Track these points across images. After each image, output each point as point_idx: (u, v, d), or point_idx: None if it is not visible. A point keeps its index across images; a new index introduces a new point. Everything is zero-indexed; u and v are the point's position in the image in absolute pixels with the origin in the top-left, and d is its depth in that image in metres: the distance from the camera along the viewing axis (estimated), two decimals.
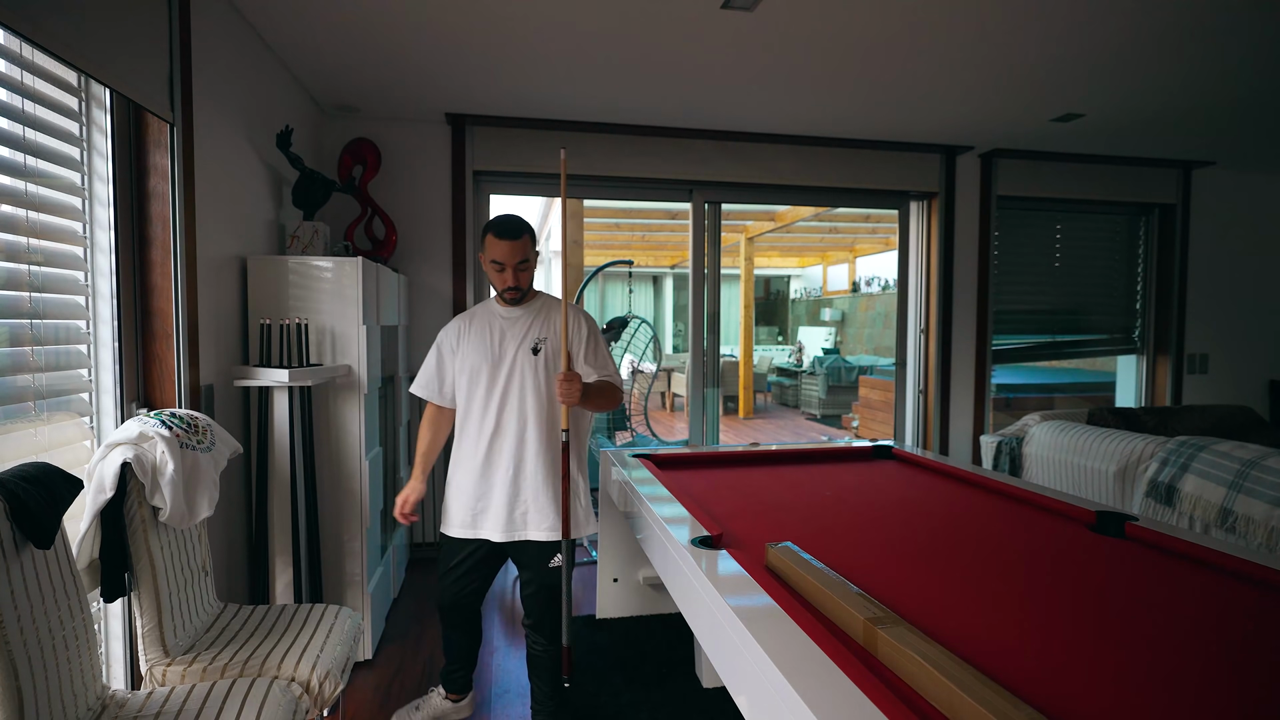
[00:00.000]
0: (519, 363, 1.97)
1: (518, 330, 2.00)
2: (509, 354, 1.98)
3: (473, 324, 2.03)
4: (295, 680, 1.63)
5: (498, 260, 1.92)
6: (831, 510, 2.00)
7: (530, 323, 2.01)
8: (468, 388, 2.00)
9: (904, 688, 1.01)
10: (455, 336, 2.04)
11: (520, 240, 1.92)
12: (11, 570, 1.21)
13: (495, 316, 2.03)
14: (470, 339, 2.01)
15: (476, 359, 1.98)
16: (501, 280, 1.96)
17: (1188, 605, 1.34)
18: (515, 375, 1.97)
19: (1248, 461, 2.62)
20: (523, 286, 1.98)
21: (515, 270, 1.94)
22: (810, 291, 13.57)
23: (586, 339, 2.04)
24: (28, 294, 1.56)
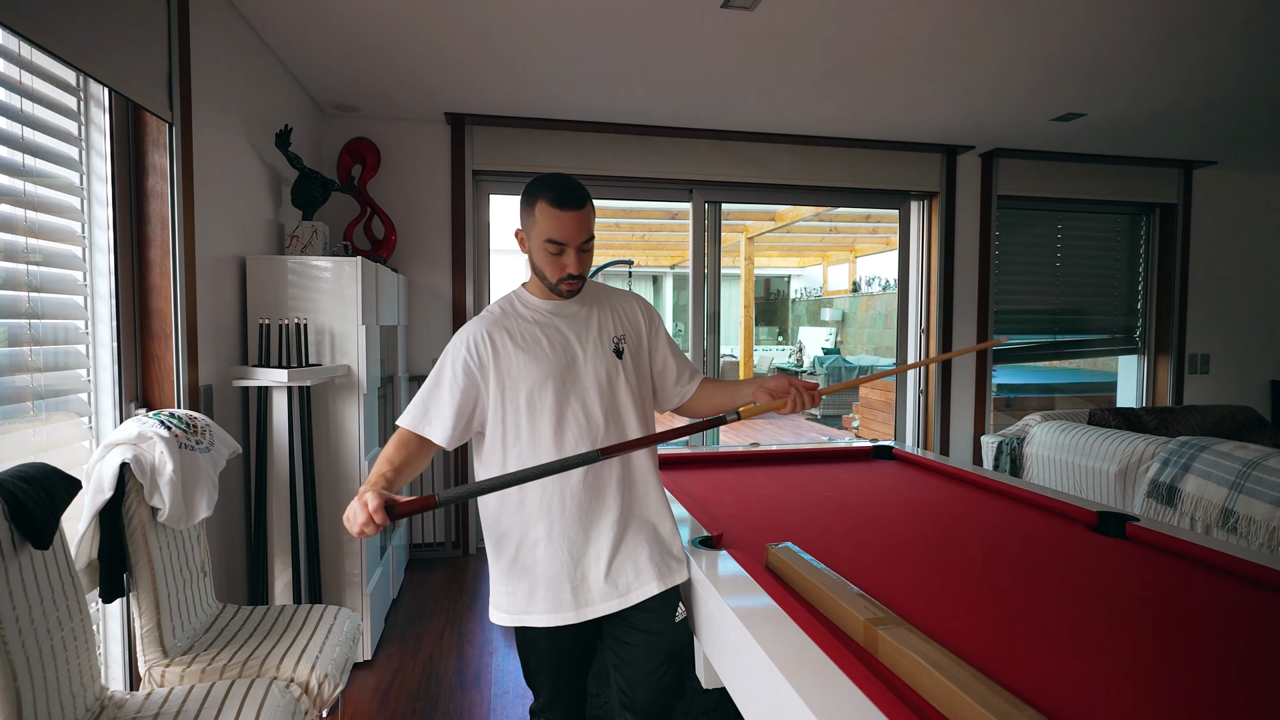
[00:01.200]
0: (603, 372, 1.43)
1: (583, 329, 1.46)
2: (587, 363, 1.42)
3: (511, 328, 1.43)
4: (294, 681, 1.63)
5: (556, 240, 1.35)
6: (832, 511, 1.99)
7: (593, 316, 1.48)
8: (527, 420, 1.38)
9: (904, 688, 1.00)
10: (487, 345, 1.40)
11: (585, 210, 1.37)
12: (10, 571, 1.21)
13: (542, 314, 1.46)
14: (516, 348, 1.40)
15: (537, 376, 1.38)
16: (558, 267, 1.38)
17: (1189, 606, 1.34)
18: (605, 389, 1.42)
19: (1249, 462, 2.61)
20: (584, 274, 1.43)
21: (579, 252, 1.38)
22: (810, 291, 13.56)
23: (665, 334, 1.58)
24: (26, 294, 1.56)
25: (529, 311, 1.46)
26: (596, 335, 1.46)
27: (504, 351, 1.40)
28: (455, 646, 2.72)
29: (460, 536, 3.81)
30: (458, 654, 2.66)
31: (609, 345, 1.46)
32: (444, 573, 3.53)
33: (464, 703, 2.31)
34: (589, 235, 1.39)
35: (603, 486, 1.40)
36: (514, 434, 1.39)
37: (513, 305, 1.49)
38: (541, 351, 1.41)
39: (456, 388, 1.38)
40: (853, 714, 0.90)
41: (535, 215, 1.38)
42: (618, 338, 1.49)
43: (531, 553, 1.39)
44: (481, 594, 3.25)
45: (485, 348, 1.40)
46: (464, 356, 1.39)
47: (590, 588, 1.38)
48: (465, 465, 3.79)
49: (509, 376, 1.39)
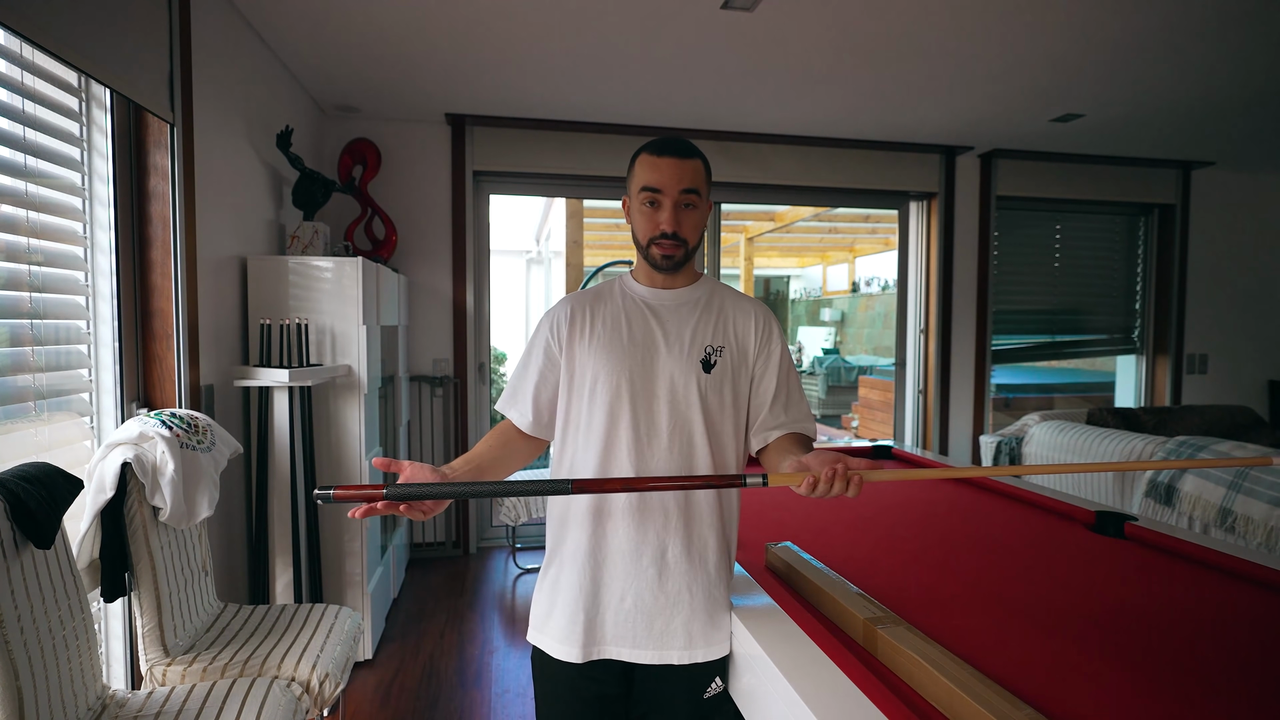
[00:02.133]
0: (680, 381, 1.21)
1: (675, 326, 1.24)
2: (662, 365, 1.21)
3: (599, 309, 1.26)
4: (295, 680, 1.63)
5: (651, 186, 1.19)
6: (831, 510, 2.00)
7: (695, 316, 1.25)
8: (587, 415, 1.22)
9: (904, 688, 1.01)
10: (566, 324, 1.25)
11: (691, 161, 1.20)
12: (12, 570, 1.21)
13: (635, 300, 1.27)
14: (595, 332, 1.24)
15: (606, 368, 1.21)
16: (652, 223, 1.20)
17: (1187, 605, 1.34)
18: (674, 402, 1.20)
19: None
20: (687, 239, 1.22)
21: (678, 206, 1.19)
22: (810, 291, 13.57)
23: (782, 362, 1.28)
24: (28, 294, 1.56)
25: (624, 297, 1.28)
26: (688, 338, 1.23)
27: (582, 333, 1.25)
28: (456, 646, 2.72)
29: (460, 536, 3.82)
30: (458, 653, 2.66)
31: (698, 353, 1.22)
32: (445, 572, 3.54)
33: (464, 702, 2.32)
34: (693, 188, 1.19)
35: (650, 515, 1.19)
36: (575, 428, 1.24)
37: (612, 287, 1.32)
38: (618, 340, 1.23)
39: (536, 367, 1.27)
40: (853, 714, 0.91)
41: (634, 169, 1.23)
42: (712, 348, 1.23)
43: (560, 567, 1.23)
44: (482, 593, 3.26)
45: (565, 326, 1.26)
46: (545, 334, 1.27)
47: (604, 625, 1.18)
48: None
49: (579, 362, 1.24)
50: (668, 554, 1.19)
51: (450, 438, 3.78)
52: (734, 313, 1.28)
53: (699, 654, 1.19)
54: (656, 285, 1.28)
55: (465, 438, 3.76)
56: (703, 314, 1.26)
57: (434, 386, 3.74)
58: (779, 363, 1.28)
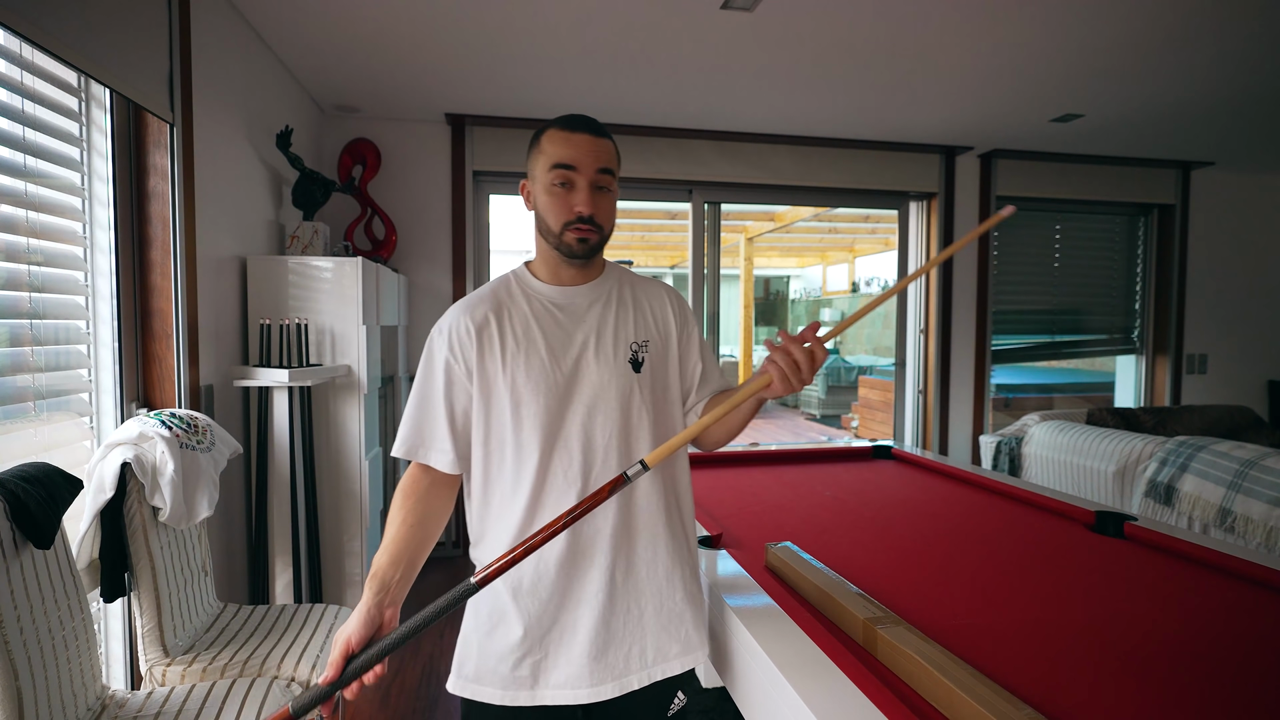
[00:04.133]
0: (612, 388, 1.09)
1: (594, 328, 1.12)
2: (594, 378, 1.09)
3: (504, 317, 1.10)
4: (295, 680, 1.63)
5: (564, 163, 1.06)
6: (831, 510, 2.00)
7: (613, 313, 1.14)
8: (514, 444, 1.07)
9: (903, 688, 1.01)
10: (472, 340, 1.08)
11: (607, 141, 1.10)
12: (11, 570, 1.21)
13: (542, 303, 1.12)
14: (507, 346, 1.08)
15: (529, 386, 1.06)
16: (565, 206, 1.06)
17: (1186, 605, 1.34)
18: (609, 411, 1.08)
19: (1246, 461, 2.62)
20: (603, 224, 1.09)
21: (593, 187, 1.07)
22: (810, 292, 13.57)
23: (701, 341, 1.23)
24: (27, 294, 1.56)
25: (528, 298, 1.12)
26: (611, 339, 1.11)
27: (491, 349, 1.07)
28: (455, 646, 2.72)
29: (460, 536, 3.82)
30: None
31: (625, 353, 1.11)
32: (444, 573, 3.54)
33: None
34: (608, 168, 1.08)
35: (588, 540, 1.07)
36: (499, 461, 1.08)
37: (509, 289, 1.13)
38: (536, 352, 1.07)
39: (441, 395, 1.08)
40: (853, 714, 0.91)
41: (542, 145, 1.09)
42: (638, 344, 1.13)
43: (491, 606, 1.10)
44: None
45: (470, 343, 1.07)
46: (444, 356, 1.08)
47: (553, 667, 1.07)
48: None
49: (495, 383, 1.07)
50: (615, 576, 1.08)
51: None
52: (648, 301, 1.19)
53: (657, 672, 1.10)
54: (564, 282, 1.13)
55: None
56: (619, 309, 1.14)
57: None
58: (698, 342, 1.22)
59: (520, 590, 1.07)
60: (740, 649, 1.20)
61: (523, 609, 1.07)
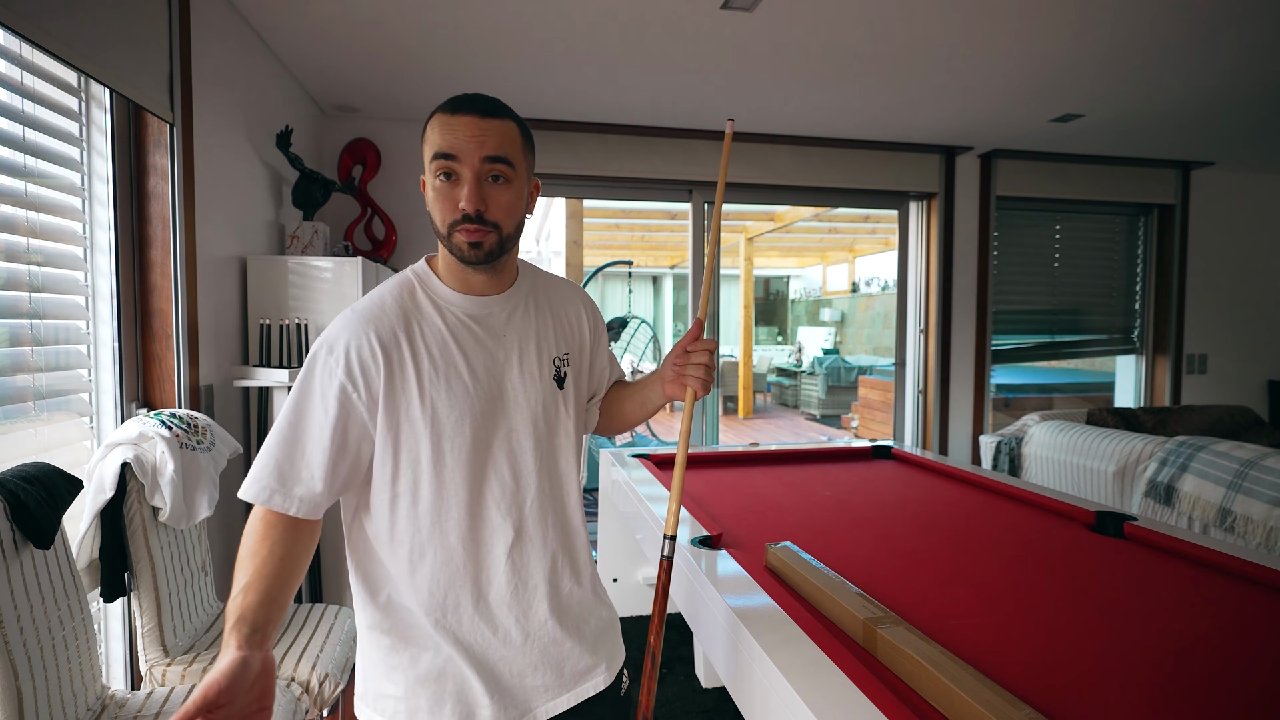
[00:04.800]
0: (540, 410, 1.02)
1: (515, 343, 1.02)
2: (521, 398, 1.00)
3: (413, 335, 0.95)
4: (295, 680, 1.63)
5: (444, 150, 0.92)
6: (831, 510, 2.00)
7: (532, 325, 1.04)
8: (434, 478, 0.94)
9: (903, 688, 1.01)
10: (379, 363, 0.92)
11: (500, 121, 0.95)
12: (11, 570, 1.21)
13: (455, 315, 0.99)
14: (422, 370, 0.94)
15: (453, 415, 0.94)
16: (449, 203, 0.93)
17: (1187, 605, 1.34)
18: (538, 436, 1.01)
19: (1246, 461, 2.62)
20: (498, 221, 0.94)
21: (481, 179, 0.92)
22: (810, 292, 13.57)
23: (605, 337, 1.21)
24: (27, 294, 1.56)
25: (437, 309, 0.98)
26: (535, 355, 1.02)
27: (403, 373, 0.93)
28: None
29: None
30: None
31: (549, 369, 1.03)
32: None
33: None
34: (500, 155, 0.92)
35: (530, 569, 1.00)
36: (409, 498, 0.95)
37: (413, 296, 0.98)
38: (457, 377, 0.95)
39: (327, 428, 0.90)
40: (853, 714, 0.91)
41: (426, 134, 0.96)
42: (559, 358, 1.05)
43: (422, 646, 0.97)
44: None
45: (374, 366, 0.92)
46: (340, 381, 0.90)
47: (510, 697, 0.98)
48: None
49: (406, 416, 0.93)
50: (561, 589, 1.02)
51: None
52: (564, 307, 1.11)
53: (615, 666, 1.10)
54: (475, 290, 1.00)
55: None
56: (537, 318, 1.05)
57: None
58: (605, 342, 1.19)
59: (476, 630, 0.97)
60: (740, 649, 1.20)
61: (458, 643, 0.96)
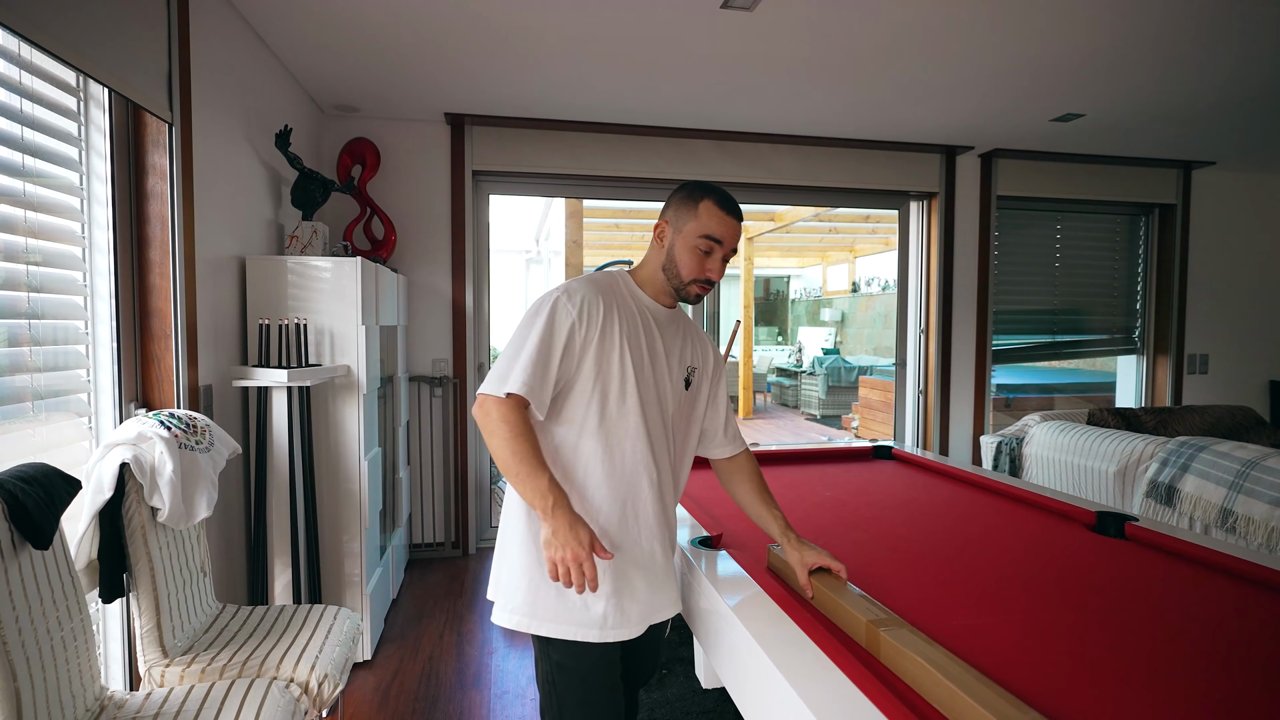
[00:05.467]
0: (673, 396, 1.38)
1: (669, 344, 1.39)
2: (668, 382, 1.37)
3: (620, 311, 1.32)
4: (294, 681, 1.63)
5: (715, 237, 1.30)
6: (832, 510, 2.00)
7: (680, 338, 1.42)
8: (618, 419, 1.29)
9: (903, 688, 1.01)
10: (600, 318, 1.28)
11: (740, 226, 1.36)
12: (9, 571, 1.21)
13: (646, 311, 1.37)
14: (622, 336, 1.30)
15: (634, 377, 1.29)
16: (700, 269, 1.32)
17: (1188, 606, 1.34)
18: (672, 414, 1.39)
19: (1248, 462, 2.62)
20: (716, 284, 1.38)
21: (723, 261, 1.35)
22: (810, 292, 13.57)
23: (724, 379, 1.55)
24: (26, 294, 1.56)
25: (636, 302, 1.37)
26: (678, 358, 1.40)
27: (610, 332, 1.28)
28: (455, 646, 2.72)
29: (460, 537, 3.81)
30: (457, 654, 2.66)
31: (682, 372, 1.40)
32: (444, 573, 3.53)
33: (464, 703, 2.31)
34: (736, 251, 1.37)
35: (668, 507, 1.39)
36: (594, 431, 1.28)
37: (618, 288, 1.37)
38: (640, 349, 1.31)
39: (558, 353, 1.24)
40: (852, 714, 0.90)
41: (699, 211, 1.32)
42: (690, 369, 1.43)
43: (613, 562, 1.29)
44: (481, 594, 3.25)
45: (597, 312, 1.27)
46: (571, 321, 1.25)
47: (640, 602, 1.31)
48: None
49: (606, 362, 1.28)
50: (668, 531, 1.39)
51: (449, 438, 3.77)
52: (697, 337, 1.48)
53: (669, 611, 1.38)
54: (661, 302, 1.39)
55: (465, 438, 3.75)
56: (682, 337, 1.43)
57: (433, 387, 3.74)
58: (724, 384, 1.53)
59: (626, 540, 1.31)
60: (740, 649, 1.19)
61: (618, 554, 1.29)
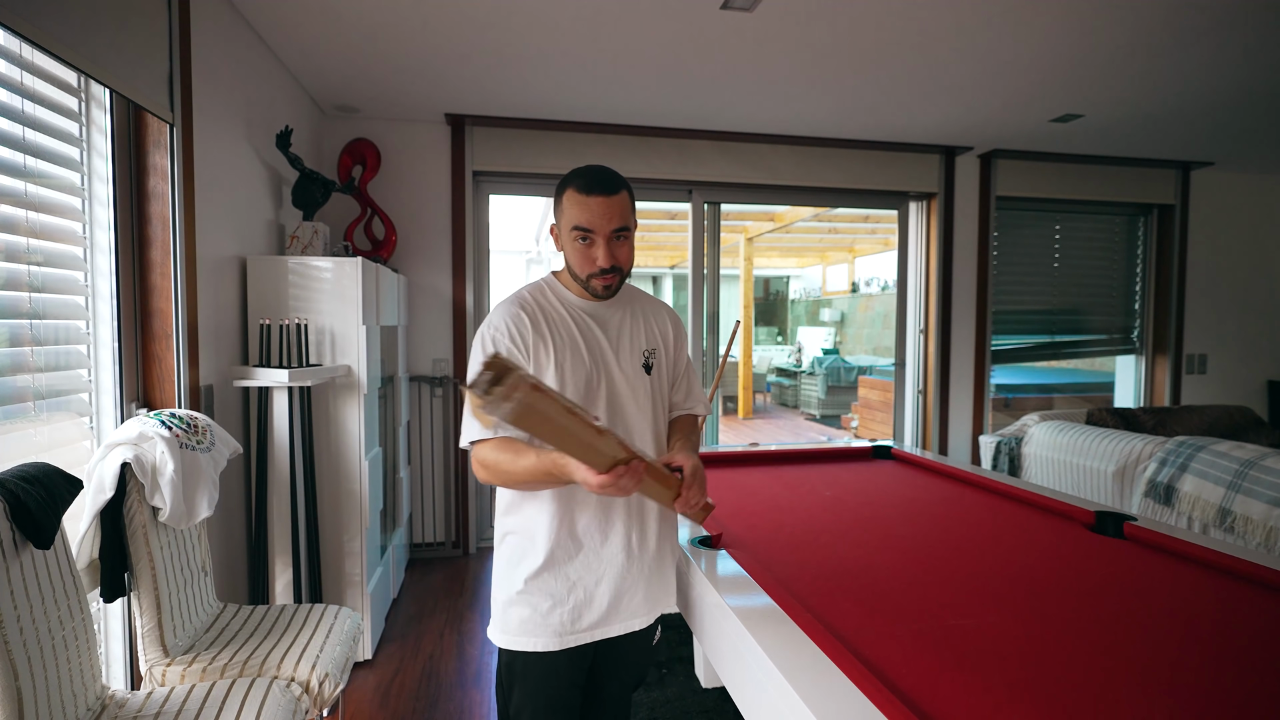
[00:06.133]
0: (630, 388, 1.33)
1: (617, 336, 1.34)
2: (619, 376, 1.32)
3: (549, 318, 1.30)
4: (295, 680, 1.63)
5: (583, 227, 1.24)
6: (831, 510, 2.00)
7: (629, 323, 1.37)
8: None
9: (903, 688, 1.01)
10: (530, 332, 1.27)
11: (618, 196, 1.26)
12: (11, 570, 1.21)
13: (575, 310, 1.33)
14: (554, 343, 1.28)
15: (572, 379, 1.27)
16: (587, 259, 1.26)
17: (1186, 605, 1.34)
18: (631, 407, 1.32)
19: (1246, 461, 2.62)
20: (624, 268, 1.30)
21: (610, 243, 1.26)
22: (810, 292, 13.57)
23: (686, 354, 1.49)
24: (27, 294, 1.56)
25: (562, 305, 1.33)
26: (629, 345, 1.34)
27: (540, 339, 1.27)
28: (455, 646, 2.72)
29: (460, 537, 3.82)
30: (458, 654, 2.66)
31: (640, 358, 1.35)
32: (444, 573, 3.54)
33: (464, 702, 2.32)
34: (623, 225, 1.26)
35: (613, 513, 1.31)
36: None
37: (544, 294, 1.34)
38: (578, 351, 1.28)
39: None
40: (852, 714, 0.91)
41: (564, 203, 1.28)
42: (649, 351, 1.37)
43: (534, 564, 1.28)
44: (481, 593, 3.26)
45: (526, 330, 1.26)
46: (506, 342, 1.25)
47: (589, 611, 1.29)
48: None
49: (545, 369, 1.25)
50: (631, 538, 1.32)
51: (450, 438, 3.78)
52: (653, 314, 1.42)
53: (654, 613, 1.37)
54: (588, 296, 1.34)
55: None
56: (633, 320, 1.37)
57: (434, 387, 3.74)
58: (686, 352, 1.49)
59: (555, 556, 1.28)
60: (740, 649, 1.20)
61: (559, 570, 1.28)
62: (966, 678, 1.05)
